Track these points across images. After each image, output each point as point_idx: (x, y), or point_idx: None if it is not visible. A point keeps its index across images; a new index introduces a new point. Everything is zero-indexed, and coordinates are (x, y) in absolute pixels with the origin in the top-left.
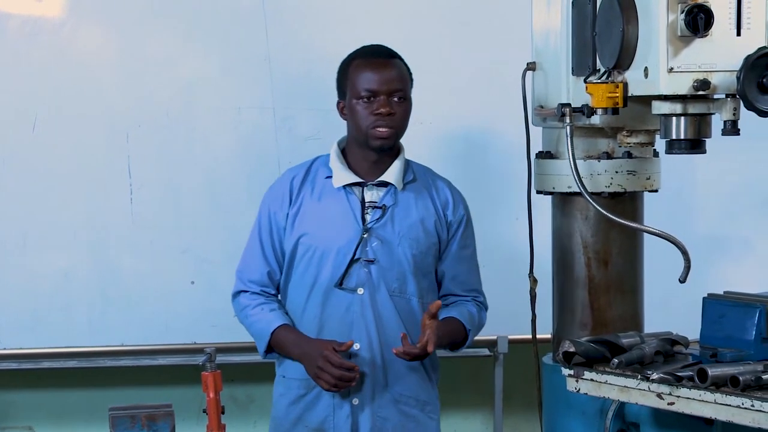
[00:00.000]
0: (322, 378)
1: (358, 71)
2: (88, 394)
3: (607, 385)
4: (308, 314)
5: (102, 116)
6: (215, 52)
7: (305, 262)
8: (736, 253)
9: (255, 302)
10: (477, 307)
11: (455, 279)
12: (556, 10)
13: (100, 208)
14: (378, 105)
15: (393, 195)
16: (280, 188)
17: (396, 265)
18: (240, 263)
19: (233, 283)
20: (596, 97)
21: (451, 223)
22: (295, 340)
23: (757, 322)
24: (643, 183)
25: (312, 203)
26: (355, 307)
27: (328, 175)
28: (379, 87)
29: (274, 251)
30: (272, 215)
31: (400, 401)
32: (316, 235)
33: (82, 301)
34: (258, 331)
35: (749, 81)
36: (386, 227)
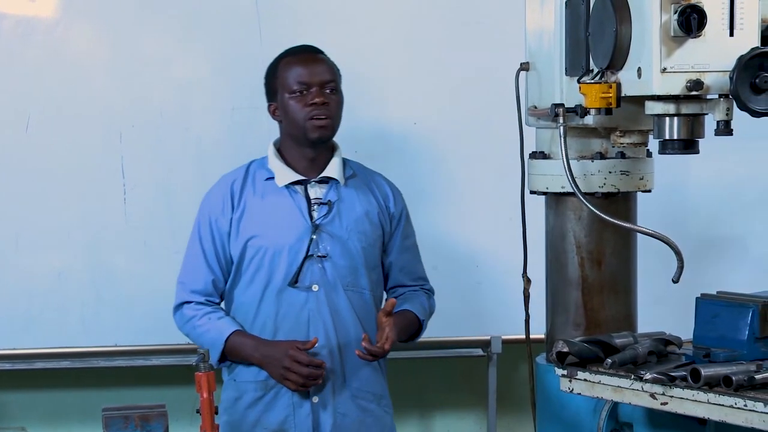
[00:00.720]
0: (290, 378)
1: (288, 68)
2: (82, 395)
3: (601, 385)
4: (262, 315)
5: (96, 116)
6: (209, 52)
7: (256, 264)
8: (729, 253)
9: (201, 312)
10: (426, 296)
11: (403, 270)
12: (550, 11)
13: (93, 208)
14: (312, 96)
15: (336, 190)
16: (220, 194)
17: (348, 259)
18: (181, 274)
19: None
20: (589, 97)
21: (393, 215)
22: (254, 345)
23: (750, 322)
24: (637, 183)
25: (256, 205)
26: (311, 304)
27: (268, 177)
28: (311, 78)
29: (218, 259)
30: (213, 222)
31: (357, 396)
32: (265, 236)
33: (76, 302)
34: (210, 341)
35: (742, 81)
36: (334, 222)
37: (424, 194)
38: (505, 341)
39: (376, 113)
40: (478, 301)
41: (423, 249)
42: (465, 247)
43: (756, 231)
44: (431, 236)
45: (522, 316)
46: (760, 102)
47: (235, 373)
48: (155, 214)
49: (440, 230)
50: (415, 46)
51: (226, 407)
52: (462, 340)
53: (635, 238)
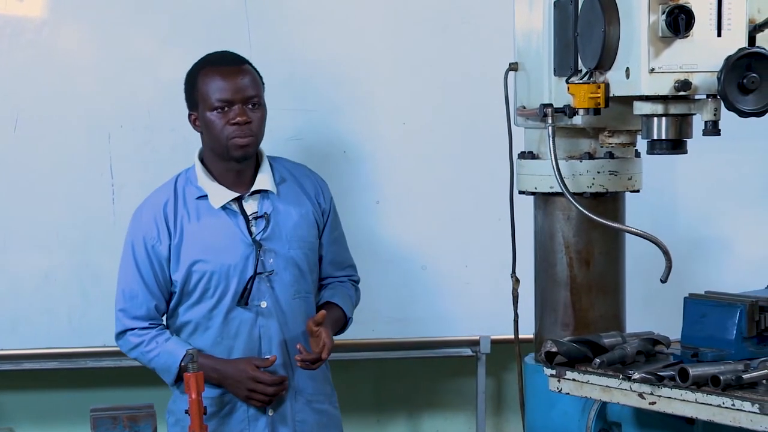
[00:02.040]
0: (255, 399)
1: (208, 81)
2: (70, 395)
3: (589, 384)
4: (211, 333)
5: (84, 116)
6: (197, 52)
7: (202, 287)
8: (717, 253)
9: (147, 337)
10: (354, 288)
11: (333, 262)
12: (538, 11)
13: (81, 208)
14: (234, 114)
15: (270, 201)
16: (152, 218)
17: (292, 268)
18: (120, 300)
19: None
20: (578, 97)
21: (324, 210)
22: (211, 365)
23: (738, 322)
24: (625, 183)
25: (193, 228)
26: (261, 321)
27: (200, 195)
28: (233, 95)
29: (158, 283)
30: (150, 248)
31: (312, 401)
32: (209, 260)
33: (64, 302)
34: (162, 365)
35: (730, 82)
36: (274, 235)
37: (413, 194)
38: (493, 341)
39: (365, 114)
40: (467, 301)
41: (412, 249)
42: (454, 247)
43: (744, 231)
44: (420, 236)
45: (511, 316)
46: (748, 102)
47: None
48: None
49: (429, 230)
50: (404, 47)
51: (177, 419)
52: (451, 340)
53: (624, 238)
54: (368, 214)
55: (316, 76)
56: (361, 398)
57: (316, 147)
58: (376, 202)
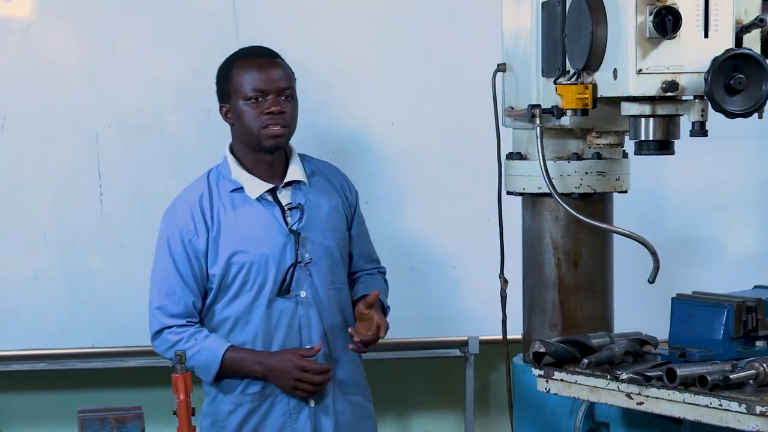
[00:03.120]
0: (302, 389)
1: (243, 72)
2: (58, 397)
3: (577, 385)
4: (252, 327)
5: (71, 117)
6: (185, 52)
7: (241, 279)
8: (704, 253)
9: (186, 334)
10: (384, 279)
11: (362, 255)
12: (526, 12)
13: (69, 209)
14: (268, 104)
15: (302, 192)
16: (188, 213)
17: (328, 259)
18: (156, 298)
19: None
20: (566, 98)
21: (351, 203)
22: (255, 359)
23: (725, 322)
24: (613, 184)
25: (230, 220)
26: (301, 310)
27: (234, 188)
28: (268, 86)
29: (195, 279)
30: (188, 243)
31: (348, 392)
32: (248, 251)
33: (52, 303)
34: (202, 362)
35: (717, 82)
36: (308, 225)
37: (402, 195)
38: (482, 342)
39: (354, 114)
40: (456, 302)
41: (400, 250)
42: (442, 248)
43: (731, 231)
44: (408, 237)
45: (499, 317)
46: (735, 103)
47: (224, 387)
48: (132, 216)
49: (417, 231)
50: (393, 47)
51: (214, 421)
52: (439, 340)
53: (611, 239)
54: None
55: (304, 76)
56: None
57: (305, 147)
58: (365, 202)
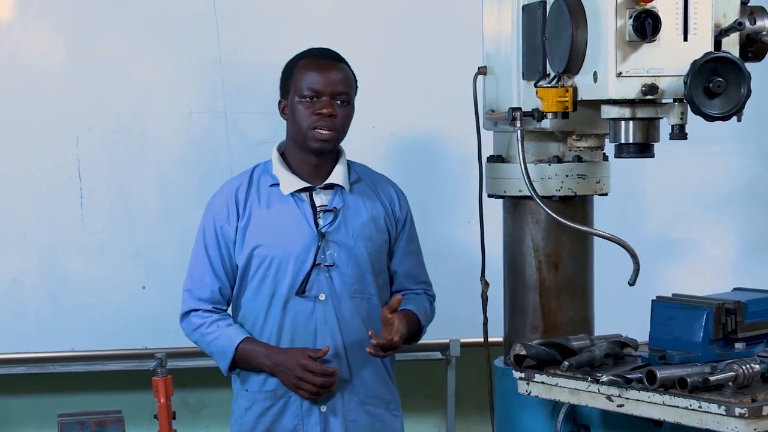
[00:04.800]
0: (303, 388)
1: (304, 70)
2: (37, 401)
3: (558, 387)
4: (270, 325)
5: (52, 120)
6: (166, 55)
7: (261, 273)
8: (684, 256)
9: (209, 320)
10: (429, 301)
11: (408, 274)
12: (507, 15)
13: (49, 212)
14: (321, 105)
15: (341, 197)
16: (225, 201)
17: (354, 266)
18: (187, 281)
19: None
20: (546, 101)
21: (399, 219)
22: (266, 353)
23: (705, 324)
24: (593, 187)
25: (261, 213)
26: (318, 313)
27: (273, 183)
28: (324, 87)
29: (224, 266)
30: (219, 230)
31: (366, 402)
32: (271, 245)
33: (31, 307)
34: (219, 348)
35: (696, 86)
36: (340, 230)
37: None
38: (463, 344)
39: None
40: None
41: None
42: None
43: (710, 234)
44: None
45: (480, 319)
46: (714, 106)
47: (246, 383)
48: (112, 219)
49: None
50: (373, 51)
51: (237, 417)
52: (420, 343)
53: (592, 242)
54: None
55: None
56: None
57: None
58: None
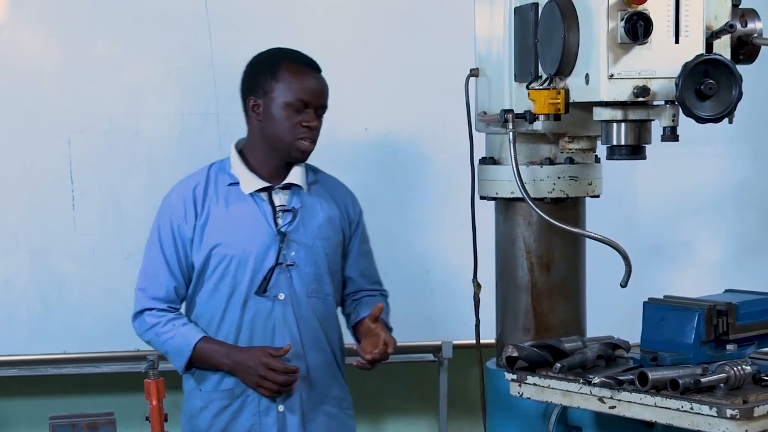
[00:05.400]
0: (265, 386)
1: (293, 77)
2: (29, 403)
3: (550, 389)
4: (227, 324)
5: (44, 121)
6: (159, 57)
7: (220, 272)
8: (676, 257)
9: (164, 319)
10: (385, 300)
11: (363, 274)
12: (499, 17)
13: (41, 214)
14: (308, 117)
15: (299, 197)
16: (182, 200)
17: (313, 265)
18: (141, 280)
19: None
20: (538, 103)
21: (352, 220)
22: (225, 351)
23: (696, 326)
24: (585, 188)
25: (220, 212)
26: (277, 312)
27: (231, 182)
28: (313, 99)
29: (179, 265)
30: (176, 228)
31: (322, 402)
32: (231, 244)
33: (23, 309)
34: (175, 348)
35: (688, 88)
36: (299, 229)
37: (375, 200)
38: (455, 346)
39: (328, 119)
40: (429, 307)
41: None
42: (416, 253)
43: (702, 236)
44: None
45: (472, 321)
46: (705, 108)
47: (201, 383)
48: (104, 221)
49: (391, 236)
50: (366, 52)
51: (189, 417)
52: (413, 345)
53: (584, 243)
54: None
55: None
56: None
57: None
58: None
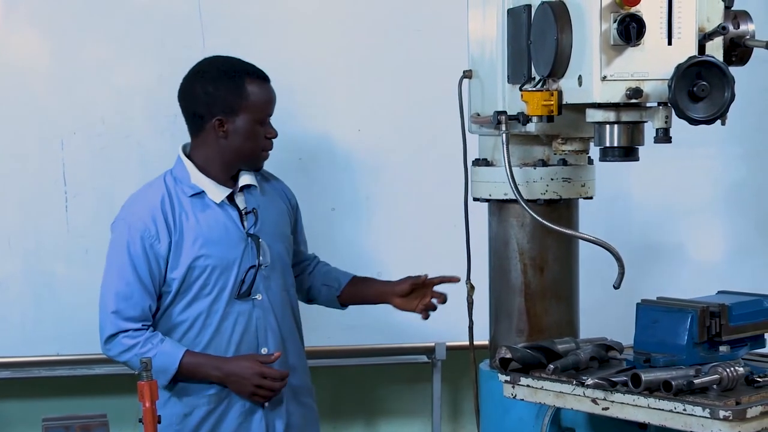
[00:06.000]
0: (261, 394)
1: (259, 94)
2: (22, 405)
3: (543, 390)
4: (208, 332)
5: (36, 123)
6: (152, 59)
7: (201, 282)
8: (669, 259)
9: (142, 338)
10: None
11: (304, 244)
12: (492, 19)
13: (34, 216)
14: (270, 129)
15: (254, 197)
16: (150, 217)
17: (280, 261)
18: (112, 303)
19: None
20: (531, 105)
21: (294, 206)
22: (213, 364)
23: (689, 327)
24: (578, 190)
25: (192, 225)
26: (257, 312)
27: (193, 193)
28: (272, 111)
29: (153, 283)
30: (149, 247)
31: (298, 393)
32: (210, 255)
33: (16, 311)
34: (160, 366)
35: (680, 89)
36: (263, 229)
37: (368, 201)
38: (449, 348)
39: (320, 121)
40: None
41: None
42: (409, 254)
43: (695, 237)
44: (375, 243)
45: (466, 323)
46: (698, 110)
47: (180, 391)
48: (97, 223)
49: (384, 237)
50: (359, 54)
51: (171, 423)
52: (406, 347)
53: (577, 245)
54: (324, 221)
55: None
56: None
57: (271, 154)
58: (332, 209)
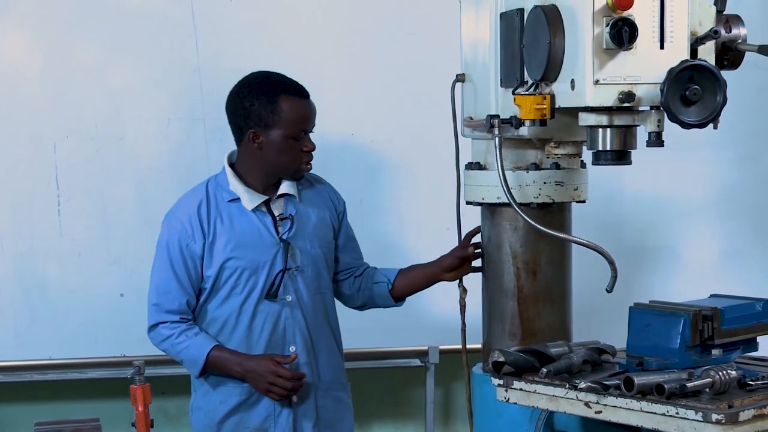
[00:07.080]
0: (274, 392)
1: (294, 111)
2: (14, 409)
3: (536, 394)
4: (241, 328)
5: (29, 126)
6: (145, 62)
7: (232, 283)
8: (661, 263)
9: (178, 330)
10: None
11: (354, 252)
12: (485, 23)
13: (27, 219)
14: (307, 143)
15: (293, 204)
16: (187, 219)
17: (313, 265)
18: (154, 296)
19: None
20: (524, 108)
21: (339, 212)
22: (236, 360)
23: (682, 331)
24: (571, 194)
25: (227, 230)
26: (286, 313)
27: (231, 199)
28: (310, 126)
29: (190, 280)
30: (185, 247)
31: (330, 388)
32: (241, 257)
33: (8, 314)
34: (190, 357)
35: (672, 93)
36: (298, 234)
37: (362, 204)
38: (442, 351)
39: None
40: (416, 312)
41: None
42: (402, 257)
43: (688, 241)
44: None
45: (459, 326)
46: (690, 114)
47: (218, 379)
48: (90, 226)
49: (377, 240)
50: (352, 58)
51: (202, 408)
52: (400, 350)
53: (570, 249)
54: None
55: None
56: None
57: None
58: None
